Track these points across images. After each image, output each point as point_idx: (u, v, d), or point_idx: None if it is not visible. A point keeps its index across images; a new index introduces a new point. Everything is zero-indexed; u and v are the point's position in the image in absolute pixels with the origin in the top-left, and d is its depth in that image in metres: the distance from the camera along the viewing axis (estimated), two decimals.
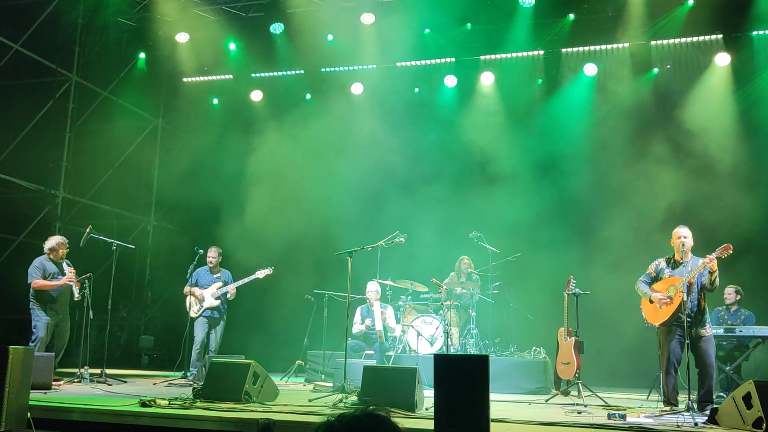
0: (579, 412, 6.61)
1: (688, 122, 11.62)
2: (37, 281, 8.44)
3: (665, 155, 11.60)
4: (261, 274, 9.62)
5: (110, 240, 9.37)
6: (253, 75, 14.33)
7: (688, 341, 6.57)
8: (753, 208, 10.91)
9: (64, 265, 8.71)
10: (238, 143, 13.49)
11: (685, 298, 6.54)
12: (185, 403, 6.20)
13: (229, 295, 9.62)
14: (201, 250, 9.55)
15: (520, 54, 12.91)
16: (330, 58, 13.60)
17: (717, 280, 6.76)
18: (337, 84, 13.79)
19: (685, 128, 11.59)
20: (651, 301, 6.92)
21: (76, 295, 8.62)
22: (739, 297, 9.37)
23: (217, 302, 9.51)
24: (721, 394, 8.27)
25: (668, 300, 6.76)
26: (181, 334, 9.67)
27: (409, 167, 12.71)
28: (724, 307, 9.36)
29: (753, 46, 11.75)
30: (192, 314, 9.48)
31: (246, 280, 9.65)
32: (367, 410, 1.94)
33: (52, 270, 8.59)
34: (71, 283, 8.55)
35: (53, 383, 7.62)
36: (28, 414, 5.37)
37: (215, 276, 9.71)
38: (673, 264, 7.04)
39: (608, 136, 11.96)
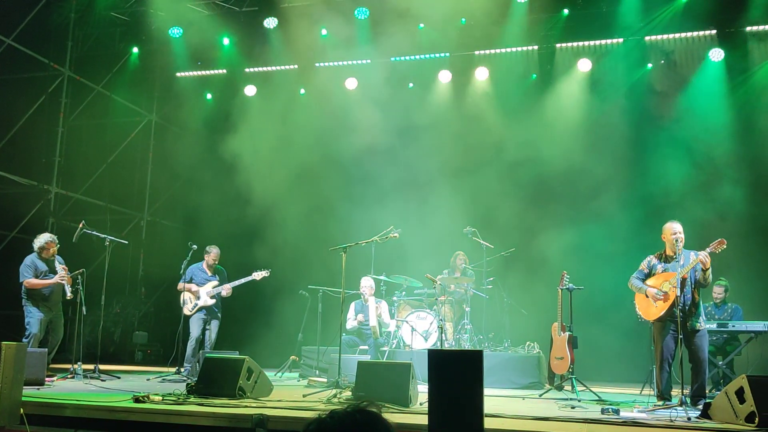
0: (573, 407, 6.63)
1: (682, 117, 11.65)
2: (29, 280, 8.41)
3: (659, 150, 11.63)
4: (258, 275, 9.59)
5: (103, 235, 9.34)
6: (247, 70, 14.29)
7: (681, 336, 6.58)
8: (744, 202, 10.94)
9: (56, 262, 8.68)
10: (231, 138, 13.45)
11: (678, 293, 6.56)
12: (179, 398, 6.18)
13: (224, 293, 9.60)
14: (195, 246, 9.51)
15: (514, 49, 12.91)
16: (324, 53, 13.57)
17: (710, 276, 6.76)
18: (332, 79, 13.76)
19: (679, 123, 11.62)
20: (647, 296, 6.92)
21: (68, 294, 8.59)
22: (727, 294, 9.40)
23: (212, 301, 9.48)
24: (714, 392, 8.29)
25: (663, 295, 6.77)
26: (175, 330, 9.64)
27: (403, 162, 12.70)
28: (711, 302, 9.37)
29: (747, 42, 11.76)
30: (186, 312, 9.45)
31: (242, 280, 9.63)
32: (359, 406, 1.92)
33: (43, 268, 8.56)
34: (63, 282, 8.52)
35: (46, 379, 7.58)
36: (21, 410, 5.35)
37: (210, 274, 9.67)
38: (665, 259, 7.04)
39: (602, 132, 11.96)
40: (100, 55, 14.44)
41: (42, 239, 8.69)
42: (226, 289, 9.57)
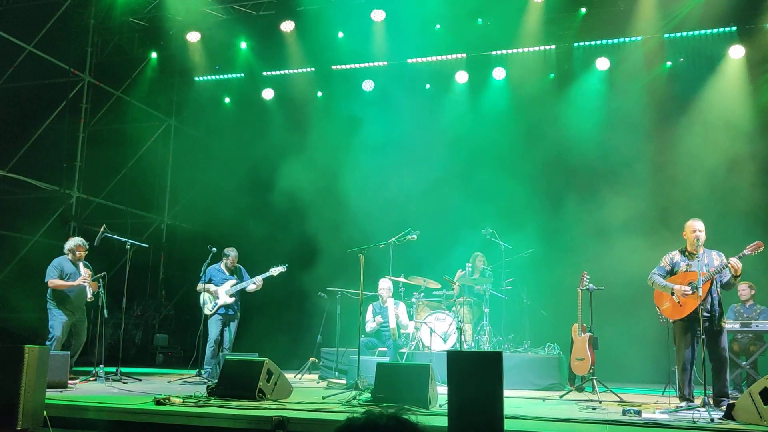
0: (594, 408, 6.58)
1: (702, 115, 11.53)
2: (53, 281, 8.54)
3: (678, 149, 11.53)
4: (275, 271, 9.63)
5: (124, 239, 9.42)
6: (265, 73, 14.38)
7: (704, 336, 6.47)
8: (765, 201, 10.82)
9: (81, 265, 8.80)
10: (250, 142, 13.53)
11: (700, 293, 6.47)
12: (199, 400, 6.22)
13: (254, 287, 9.62)
14: (214, 249, 9.56)
15: (531, 49, 12.86)
16: (341, 56, 13.61)
17: (738, 282, 6.62)
18: (348, 81, 13.79)
19: (699, 121, 11.50)
20: (672, 294, 6.79)
21: (89, 295, 8.71)
22: (753, 292, 9.27)
23: (232, 299, 9.53)
24: (735, 391, 8.18)
25: (690, 291, 6.63)
26: (195, 332, 9.69)
27: (421, 164, 12.68)
28: (740, 303, 9.26)
29: (767, 38, 11.63)
30: (206, 312, 9.50)
31: (259, 277, 9.67)
32: (394, 413, 1.91)
33: (69, 270, 8.69)
34: (85, 284, 8.63)
35: (69, 382, 7.66)
36: (44, 412, 5.40)
37: (229, 274, 9.73)
38: (688, 256, 6.94)
39: (621, 131, 11.88)
40: (120, 60, 14.59)
41: (72, 242, 8.91)
42: (257, 282, 9.60)
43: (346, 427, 1.89)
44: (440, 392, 6.36)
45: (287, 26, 13.24)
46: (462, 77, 13.32)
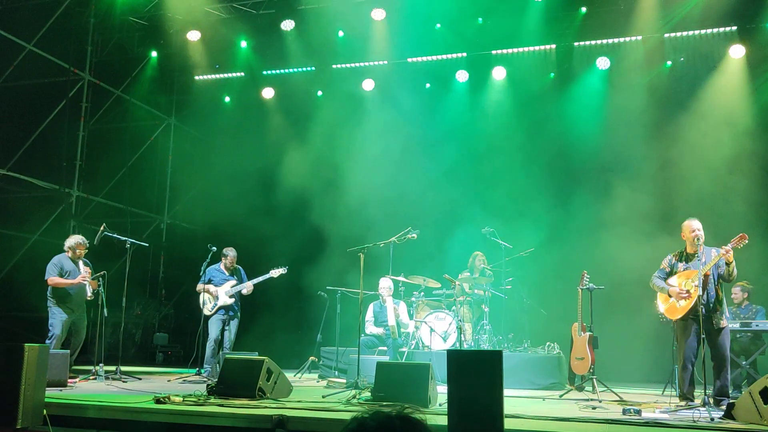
0: (593, 408, 6.58)
1: (703, 115, 11.52)
2: (52, 278, 8.54)
3: (678, 149, 11.52)
4: (275, 273, 9.63)
5: (124, 238, 9.41)
6: (265, 72, 14.37)
7: (704, 335, 6.47)
8: (765, 200, 10.81)
9: (81, 264, 8.80)
10: (250, 141, 13.52)
11: (700, 292, 6.48)
12: (199, 399, 6.21)
13: (246, 291, 9.65)
14: (214, 248, 9.55)
15: (532, 48, 12.85)
16: (341, 55, 13.60)
17: (735, 270, 6.66)
18: (348, 80, 13.78)
19: (699, 121, 11.49)
20: (670, 296, 6.82)
21: (89, 294, 8.71)
22: (746, 294, 9.26)
23: (231, 300, 9.54)
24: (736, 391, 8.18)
25: (686, 294, 6.66)
26: (195, 332, 9.69)
27: (421, 163, 12.68)
28: (735, 305, 9.27)
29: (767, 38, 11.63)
30: (206, 312, 9.51)
31: (260, 279, 9.68)
32: (403, 412, 1.89)
33: (69, 268, 8.69)
34: (85, 283, 8.63)
35: (69, 380, 7.66)
36: (44, 411, 5.40)
37: (228, 274, 9.73)
38: (686, 258, 6.93)
39: (621, 130, 11.88)
40: (120, 59, 14.58)
41: (73, 240, 8.89)
42: (248, 287, 9.63)
43: (356, 428, 1.86)
44: (440, 391, 6.35)
45: (287, 25, 13.23)
46: (462, 76, 13.32)
